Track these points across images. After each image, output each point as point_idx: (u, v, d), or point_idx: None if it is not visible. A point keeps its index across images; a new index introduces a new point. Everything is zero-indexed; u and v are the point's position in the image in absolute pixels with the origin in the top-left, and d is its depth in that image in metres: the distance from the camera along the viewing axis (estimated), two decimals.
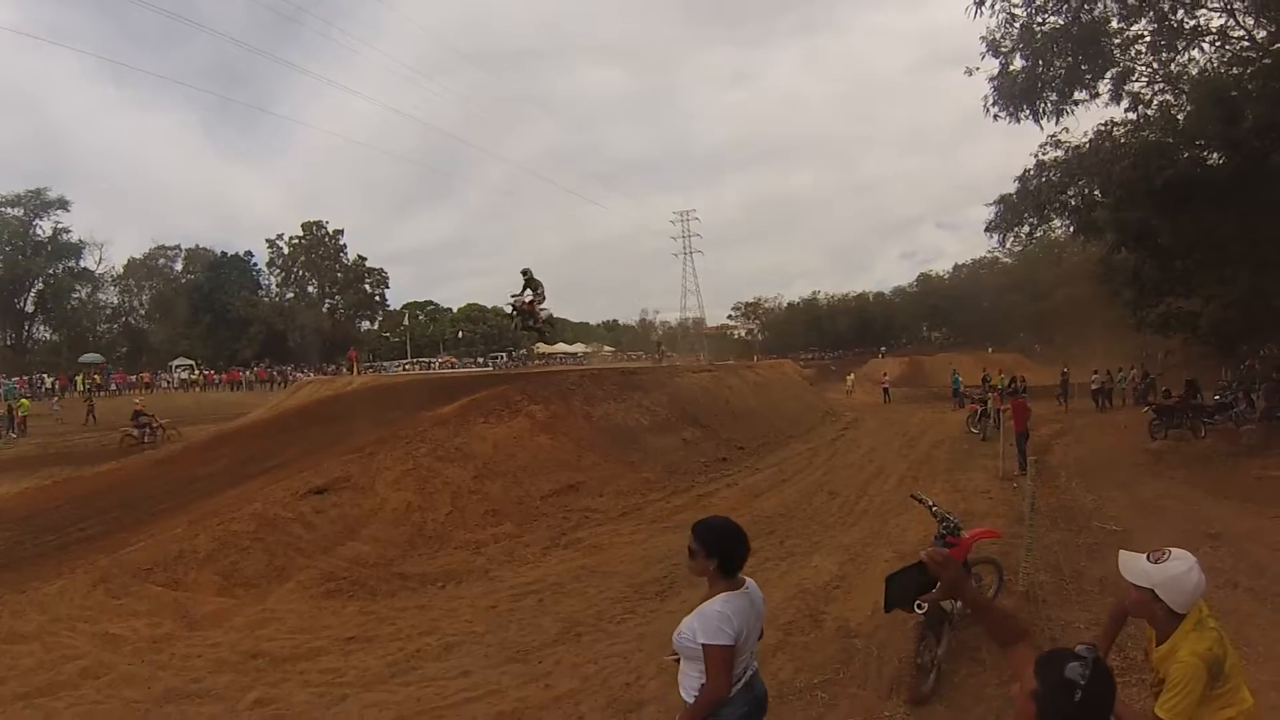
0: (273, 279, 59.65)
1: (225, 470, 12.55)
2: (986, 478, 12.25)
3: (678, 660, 2.59)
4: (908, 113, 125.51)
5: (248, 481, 11.07)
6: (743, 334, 79.86)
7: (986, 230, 18.05)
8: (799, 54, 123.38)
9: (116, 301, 53.54)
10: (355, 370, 35.19)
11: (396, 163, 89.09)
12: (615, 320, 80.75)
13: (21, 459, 18.86)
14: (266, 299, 57.56)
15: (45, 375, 38.10)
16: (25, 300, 47.17)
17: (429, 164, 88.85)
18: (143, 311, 54.95)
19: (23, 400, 27.81)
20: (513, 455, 12.40)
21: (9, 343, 46.72)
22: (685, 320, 74.48)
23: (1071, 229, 18.02)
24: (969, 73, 16.05)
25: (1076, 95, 15.31)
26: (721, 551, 2.51)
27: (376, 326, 62.55)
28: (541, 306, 24.47)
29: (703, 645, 2.42)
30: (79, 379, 37.56)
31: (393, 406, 15.62)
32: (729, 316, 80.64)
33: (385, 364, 48.67)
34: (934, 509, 5.22)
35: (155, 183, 73.99)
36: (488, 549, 9.21)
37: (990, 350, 54.63)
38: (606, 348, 59.75)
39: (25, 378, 36.30)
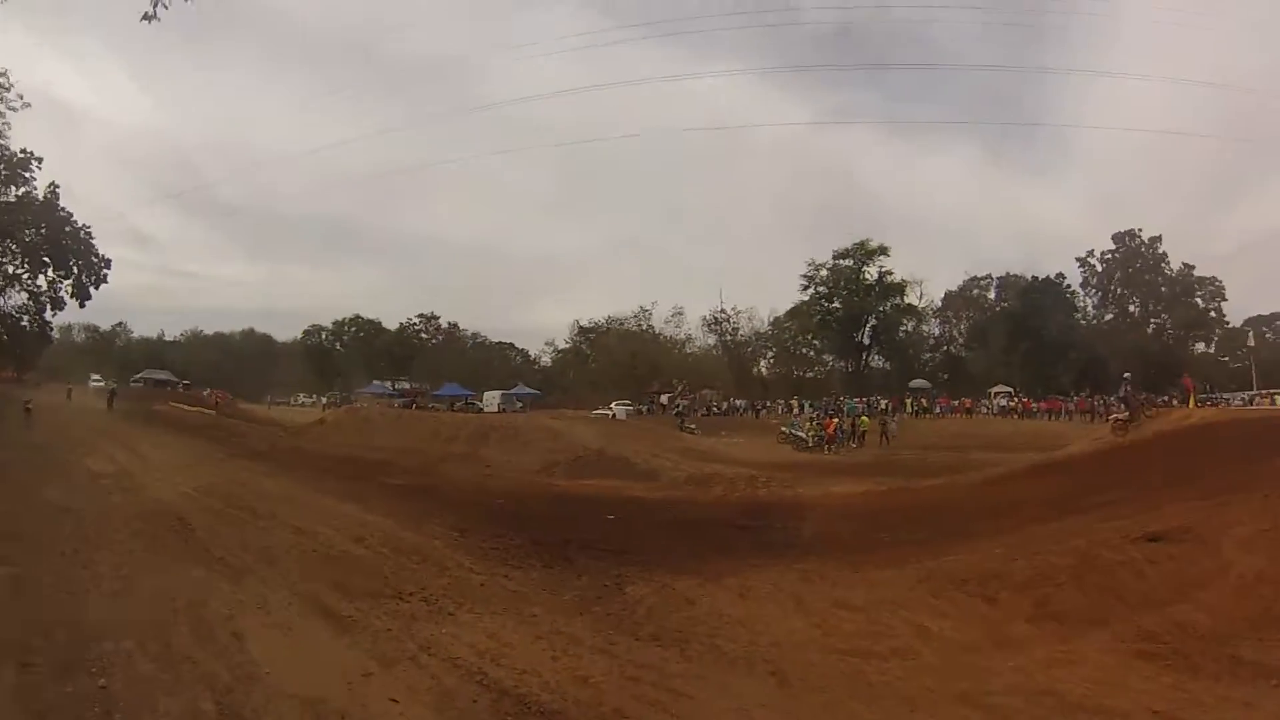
0: (1088, 300, 55.79)
1: (1047, 500, 12.67)
2: None
3: None
4: None
5: (1071, 516, 10.89)
6: None
7: None
8: None
9: (938, 332, 60.51)
10: (1191, 401, 30.75)
11: (1206, 142, 70.75)
12: None
13: (859, 465, 23.78)
14: (1084, 322, 54.54)
15: (880, 398, 47.42)
16: (862, 334, 58.58)
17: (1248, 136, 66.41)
18: (961, 340, 59.72)
19: (863, 418, 34.71)
20: None
21: (850, 370, 59.10)
22: None
23: None
24: None
25: None
26: None
27: (1212, 349, 51.89)
28: None
29: None
30: (908, 402, 45.37)
31: (1253, 445, 13.75)
32: None
33: (1225, 395, 40.38)
34: None
35: (957, 218, 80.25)
36: None
37: None
38: None
39: (864, 399, 46.14)
